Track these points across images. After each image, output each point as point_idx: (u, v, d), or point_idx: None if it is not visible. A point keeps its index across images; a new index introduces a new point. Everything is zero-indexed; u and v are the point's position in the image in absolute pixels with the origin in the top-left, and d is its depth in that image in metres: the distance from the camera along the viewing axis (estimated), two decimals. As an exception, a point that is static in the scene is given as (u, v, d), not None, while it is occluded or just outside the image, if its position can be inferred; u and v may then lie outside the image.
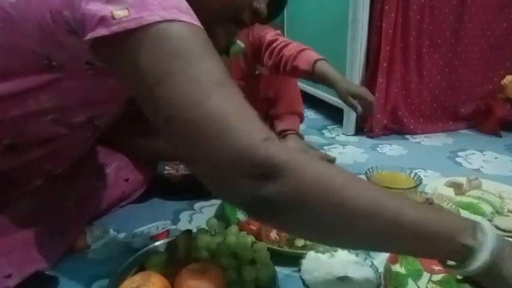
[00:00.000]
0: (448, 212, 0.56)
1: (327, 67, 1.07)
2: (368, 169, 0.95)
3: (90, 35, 0.43)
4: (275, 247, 0.68)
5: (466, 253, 0.44)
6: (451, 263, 0.47)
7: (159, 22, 0.42)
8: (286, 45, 1.12)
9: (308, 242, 0.70)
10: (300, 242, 0.71)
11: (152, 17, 0.41)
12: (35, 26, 0.49)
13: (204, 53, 0.44)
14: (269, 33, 1.15)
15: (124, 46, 0.43)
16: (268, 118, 1.30)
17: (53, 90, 0.55)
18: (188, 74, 0.42)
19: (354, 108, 1.03)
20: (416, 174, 0.92)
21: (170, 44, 0.42)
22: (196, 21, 0.45)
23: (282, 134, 1.24)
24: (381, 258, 0.68)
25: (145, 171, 0.90)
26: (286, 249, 0.69)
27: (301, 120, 1.31)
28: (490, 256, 0.43)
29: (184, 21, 0.43)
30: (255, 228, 0.72)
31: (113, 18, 0.41)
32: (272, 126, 1.30)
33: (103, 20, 0.42)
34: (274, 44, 1.13)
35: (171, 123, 0.43)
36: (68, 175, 0.75)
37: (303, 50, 1.09)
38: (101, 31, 0.42)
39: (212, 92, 0.42)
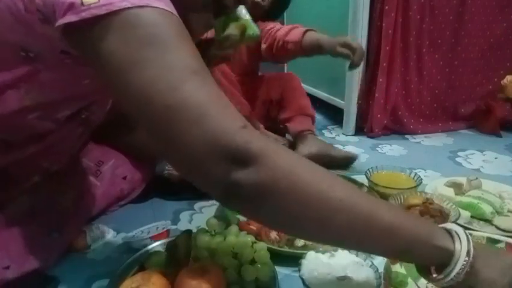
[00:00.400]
0: (421, 218, 0.57)
1: (315, 34, 1.11)
2: (368, 169, 0.95)
3: (59, 22, 0.42)
4: (275, 247, 0.68)
5: (443, 257, 0.44)
6: (434, 274, 0.46)
7: (129, 8, 0.41)
8: (280, 28, 1.17)
9: (308, 242, 0.70)
10: (300, 242, 0.71)
11: (122, 3, 0.41)
12: (7, 14, 0.48)
13: (177, 41, 0.43)
14: (269, 25, 1.19)
15: (93, 32, 0.42)
16: (278, 122, 1.29)
17: (33, 84, 0.54)
18: (162, 61, 0.41)
19: (348, 56, 1.03)
20: (416, 174, 0.92)
21: (142, 31, 0.42)
22: (168, 7, 0.44)
23: (299, 135, 1.21)
24: (381, 258, 0.68)
25: (143, 169, 0.90)
26: (286, 249, 0.69)
27: (313, 121, 1.28)
28: (468, 258, 0.43)
29: (156, 7, 0.42)
30: (255, 228, 0.72)
31: (82, 4, 0.41)
32: (283, 130, 1.30)
33: (72, 7, 0.41)
34: (270, 29, 1.18)
35: (144, 111, 0.42)
36: (65, 173, 0.75)
37: (293, 27, 1.14)
38: (70, 17, 0.41)
39: (187, 80, 0.41)
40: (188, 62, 0.43)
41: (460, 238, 0.44)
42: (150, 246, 0.67)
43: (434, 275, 0.46)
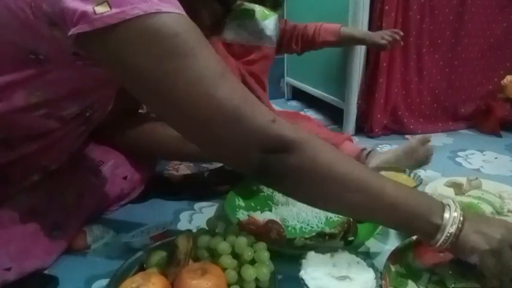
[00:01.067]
0: (422, 192, 0.61)
1: (349, 29, 1.27)
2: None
3: (72, 31, 0.43)
4: (275, 247, 0.68)
5: (435, 231, 0.51)
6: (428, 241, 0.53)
7: (141, 16, 0.42)
8: (305, 26, 1.29)
9: (308, 242, 0.71)
10: (300, 242, 0.71)
11: (134, 11, 0.41)
12: (15, 21, 0.48)
13: (199, 46, 0.46)
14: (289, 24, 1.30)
15: (109, 42, 0.43)
16: None
17: (41, 83, 0.54)
18: (191, 70, 0.45)
19: (391, 42, 1.21)
20: (415, 174, 0.91)
21: (164, 42, 0.43)
22: (178, 9, 0.45)
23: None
24: (381, 259, 0.68)
25: (143, 169, 0.90)
26: (286, 248, 0.69)
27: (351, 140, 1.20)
28: (455, 230, 0.50)
29: (168, 12, 0.43)
30: (254, 228, 0.72)
31: (95, 13, 0.41)
32: None
33: (84, 15, 0.42)
34: (296, 31, 1.29)
35: (182, 119, 0.48)
36: (65, 171, 0.75)
37: (321, 25, 1.28)
38: (83, 27, 0.42)
39: (218, 84, 0.46)
40: (214, 67, 0.47)
41: (450, 208, 0.51)
42: (150, 246, 0.67)
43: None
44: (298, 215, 0.81)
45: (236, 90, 0.48)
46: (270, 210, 0.83)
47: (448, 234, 0.50)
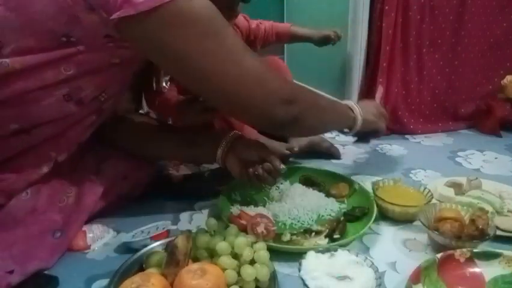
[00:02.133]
0: (338, 102, 0.91)
1: (297, 28, 1.36)
2: (373, 182, 0.89)
3: (116, 14, 0.49)
4: (275, 244, 0.68)
5: (353, 122, 0.88)
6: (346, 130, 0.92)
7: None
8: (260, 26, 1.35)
9: (294, 237, 0.73)
10: (285, 237, 0.73)
11: None
12: (51, 5, 0.52)
13: (225, 26, 0.58)
14: (253, 23, 1.32)
15: (150, 24, 0.50)
16: None
17: (71, 63, 0.58)
18: (224, 47, 0.57)
19: (330, 36, 1.30)
20: (425, 188, 0.86)
21: (199, 23, 0.53)
22: None
23: None
24: (381, 258, 0.68)
25: (143, 169, 0.90)
26: (285, 246, 0.70)
27: None
28: (361, 117, 0.88)
29: None
30: (244, 222, 0.73)
31: None
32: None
33: (128, 0, 0.47)
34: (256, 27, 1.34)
35: (221, 88, 0.60)
36: (66, 171, 0.75)
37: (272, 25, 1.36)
38: (128, 10, 0.48)
39: (244, 56, 0.61)
40: (239, 43, 0.61)
41: (355, 108, 0.89)
42: (150, 246, 0.67)
43: (346, 131, 0.92)
44: (290, 212, 0.82)
45: (257, 61, 0.62)
46: (264, 206, 0.84)
47: (359, 122, 0.88)
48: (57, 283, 0.65)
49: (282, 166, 0.77)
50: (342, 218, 0.79)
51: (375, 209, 0.79)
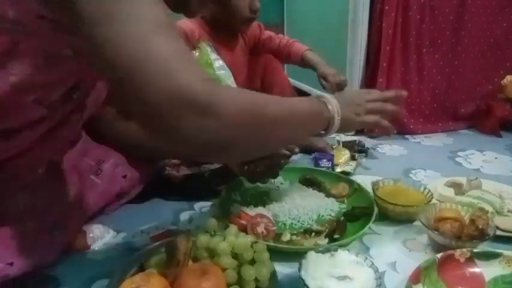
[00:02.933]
0: (311, 99, 0.69)
1: (313, 55, 1.30)
2: (373, 181, 0.89)
3: None
4: (270, 243, 0.69)
5: (328, 122, 0.67)
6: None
7: None
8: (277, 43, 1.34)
9: (294, 237, 0.73)
10: (285, 237, 0.73)
11: None
12: None
13: None
14: (264, 34, 1.32)
15: None
16: None
17: (15, 57, 0.53)
18: (130, 14, 0.43)
19: (333, 85, 1.21)
20: (425, 188, 0.86)
21: None
22: None
23: None
24: (381, 258, 0.69)
25: (143, 168, 0.90)
26: (285, 246, 0.70)
27: None
28: (338, 116, 0.67)
29: None
30: (245, 222, 0.73)
31: None
32: None
33: None
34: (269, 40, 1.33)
35: (113, 63, 0.44)
36: (66, 171, 0.75)
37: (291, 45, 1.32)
38: None
39: (154, 33, 0.44)
40: (156, 16, 0.45)
41: (330, 102, 0.66)
42: (150, 246, 0.67)
43: (322, 132, 0.69)
44: (290, 212, 0.82)
45: (172, 43, 0.45)
46: (264, 206, 0.84)
47: (337, 122, 0.67)
48: (58, 283, 0.65)
49: (282, 161, 0.76)
50: (342, 218, 0.79)
51: (376, 209, 0.79)
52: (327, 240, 0.72)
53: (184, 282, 0.51)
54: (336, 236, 0.72)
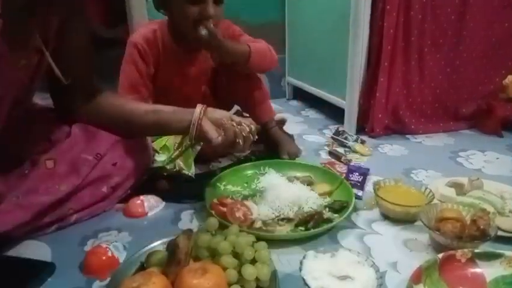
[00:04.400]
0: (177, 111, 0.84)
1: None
2: (374, 181, 0.90)
3: None
4: (244, 229, 0.70)
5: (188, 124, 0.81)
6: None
7: None
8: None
9: (268, 223, 0.77)
10: (257, 224, 0.76)
11: None
12: None
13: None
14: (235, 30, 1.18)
15: None
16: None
17: None
18: None
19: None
20: (426, 188, 0.86)
21: None
22: None
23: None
24: (381, 258, 0.68)
25: (135, 157, 0.90)
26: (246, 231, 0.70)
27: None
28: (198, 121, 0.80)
29: None
30: (224, 209, 0.77)
31: None
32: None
33: None
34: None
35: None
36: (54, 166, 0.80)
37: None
38: None
39: None
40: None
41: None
42: (150, 246, 0.67)
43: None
44: (272, 203, 0.83)
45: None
46: (247, 198, 0.88)
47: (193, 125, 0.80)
48: (54, 269, 0.67)
49: (255, 126, 0.82)
50: (319, 211, 0.80)
51: (353, 204, 0.82)
52: (299, 229, 0.76)
53: (185, 281, 0.51)
54: (309, 226, 0.76)
